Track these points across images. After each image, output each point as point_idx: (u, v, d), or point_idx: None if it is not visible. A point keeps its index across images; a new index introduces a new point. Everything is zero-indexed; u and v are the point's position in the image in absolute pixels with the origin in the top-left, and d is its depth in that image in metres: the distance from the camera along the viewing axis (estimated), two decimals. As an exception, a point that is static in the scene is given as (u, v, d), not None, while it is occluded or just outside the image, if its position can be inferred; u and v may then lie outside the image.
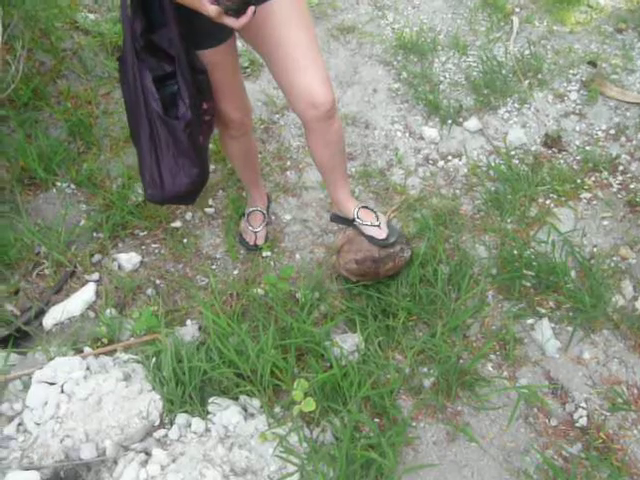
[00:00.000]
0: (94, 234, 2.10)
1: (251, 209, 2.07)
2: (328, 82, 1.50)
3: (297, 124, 2.50)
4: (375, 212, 1.85)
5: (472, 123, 2.50)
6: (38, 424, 1.51)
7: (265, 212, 2.09)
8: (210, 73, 1.51)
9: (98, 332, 1.79)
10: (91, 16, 2.78)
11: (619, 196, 2.22)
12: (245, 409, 1.60)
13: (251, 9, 1.24)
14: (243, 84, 1.71)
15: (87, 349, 1.75)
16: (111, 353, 1.75)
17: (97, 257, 2.04)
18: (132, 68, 1.38)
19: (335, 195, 1.83)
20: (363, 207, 1.84)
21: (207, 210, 2.19)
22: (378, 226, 1.81)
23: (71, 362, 1.64)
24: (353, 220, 1.83)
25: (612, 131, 2.47)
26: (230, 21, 1.24)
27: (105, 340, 1.78)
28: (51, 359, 1.67)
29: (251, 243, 2.05)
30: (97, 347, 1.77)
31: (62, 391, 1.57)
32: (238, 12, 1.23)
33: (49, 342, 1.78)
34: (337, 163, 1.73)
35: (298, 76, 1.46)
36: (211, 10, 1.22)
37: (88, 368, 1.65)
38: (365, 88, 2.68)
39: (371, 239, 1.82)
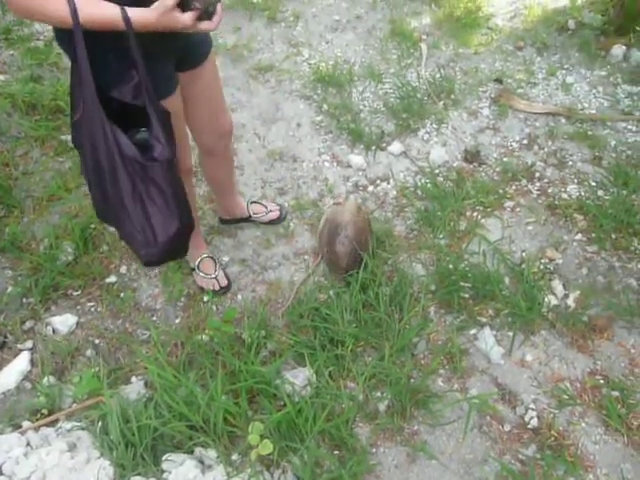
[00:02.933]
0: (24, 300, 2.01)
1: (199, 258, 2.04)
2: (228, 111, 1.86)
3: (225, 165, 2.51)
4: (260, 202, 2.28)
5: (395, 147, 2.58)
6: (-23, 513, 1.41)
7: (213, 256, 2.07)
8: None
9: (37, 403, 1.70)
10: (1, 77, 2.70)
11: (539, 201, 2.34)
12: (202, 461, 1.55)
13: (220, 6, 1.24)
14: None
15: (26, 423, 1.65)
16: (53, 424, 1.66)
17: (29, 324, 1.94)
18: (103, 128, 1.28)
19: (230, 201, 2.16)
20: (251, 203, 2.26)
21: (142, 261, 2.14)
22: (271, 211, 2.25)
23: (9, 440, 1.54)
24: (249, 217, 2.23)
25: (525, 141, 2.62)
26: (205, 25, 1.24)
27: (45, 411, 1.69)
28: (-14, 440, 1.57)
29: (217, 289, 2.02)
30: (37, 419, 1.67)
31: (1, 473, 1.46)
32: (209, 14, 1.23)
33: (-17, 421, 1.67)
34: (232, 173, 2.10)
35: (213, 120, 1.77)
36: (186, 18, 1.20)
37: (28, 444, 1.55)
38: (289, 123, 2.73)
39: (272, 222, 2.26)
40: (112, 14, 1.18)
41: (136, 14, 1.19)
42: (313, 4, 3.50)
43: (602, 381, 1.73)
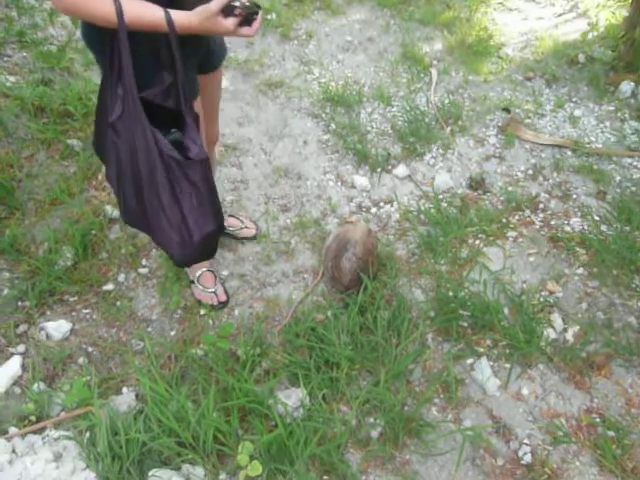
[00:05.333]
0: (19, 303, 1.99)
1: (199, 271, 2.02)
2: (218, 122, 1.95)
3: (230, 178, 2.51)
4: (236, 217, 2.27)
5: (400, 170, 2.58)
6: (-43, 520, 1.38)
7: (213, 270, 2.06)
8: None
9: (25, 409, 1.67)
10: (11, 78, 2.71)
11: (542, 233, 2.33)
12: (189, 479, 1.52)
13: (261, 14, 1.27)
14: None
15: (12, 429, 1.63)
16: (40, 432, 1.63)
17: (23, 327, 1.92)
18: (143, 128, 1.30)
19: None
20: (229, 216, 2.24)
21: (141, 270, 2.13)
22: (247, 227, 2.25)
23: (-6, 446, 1.52)
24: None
25: (530, 171, 2.62)
26: (245, 30, 1.26)
27: (33, 418, 1.66)
28: (-29, 444, 1.54)
29: (215, 304, 2.01)
30: (24, 426, 1.64)
31: (-16, 480, 1.44)
32: (249, 20, 1.25)
33: (-31, 425, 1.65)
34: None
35: (211, 126, 1.84)
36: (229, 24, 1.22)
37: (14, 451, 1.53)
38: (296, 140, 2.73)
39: (245, 238, 2.24)
40: (156, 16, 1.21)
41: (179, 17, 1.22)
42: (326, 24, 3.53)
43: (598, 419, 1.71)
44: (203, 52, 1.51)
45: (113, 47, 1.25)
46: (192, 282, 2.04)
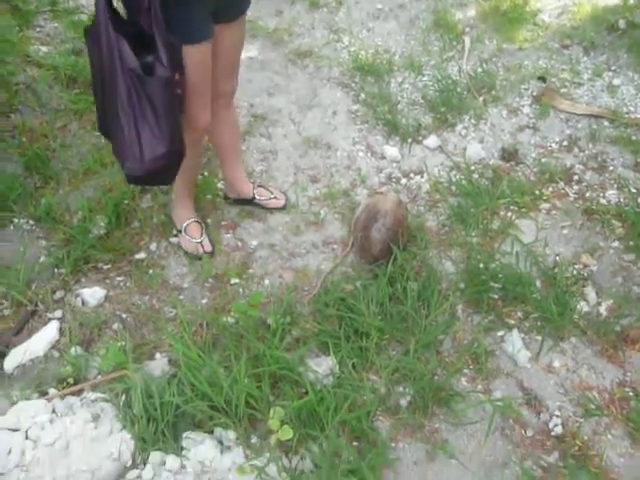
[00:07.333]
0: (55, 270, 2.03)
1: (187, 222, 2.09)
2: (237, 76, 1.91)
3: (259, 149, 2.51)
4: (266, 187, 2.26)
5: (431, 140, 2.54)
6: (2, 474, 1.44)
7: (200, 221, 2.12)
8: (191, 73, 1.58)
9: (63, 372, 1.73)
10: (44, 49, 2.73)
11: (576, 205, 2.28)
12: (221, 442, 1.56)
13: None
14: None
15: (52, 391, 1.68)
16: (78, 393, 1.69)
17: (59, 294, 1.97)
18: (108, 34, 1.39)
19: (234, 175, 2.17)
20: (258, 186, 2.25)
21: (172, 240, 2.15)
22: (276, 197, 2.23)
23: (35, 406, 1.58)
24: (253, 199, 2.21)
25: (565, 142, 2.56)
26: None
27: (71, 380, 1.72)
28: (14, 404, 1.60)
29: (200, 253, 2.06)
30: (63, 388, 1.70)
31: (27, 437, 1.50)
32: None
33: (11, 386, 1.70)
34: (237, 142, 2.16)
35: (222, 79, 1.79)
36: None
37: (54, 411, 1.59)
38: (325, 110, 2.70)
39: (274, 209, 2.24)
40: None
41: None
42: (356, -10, 3.46)
43: (631, 393, 1.69)
44: None
45: None
46: (179, 232, 2.10)
